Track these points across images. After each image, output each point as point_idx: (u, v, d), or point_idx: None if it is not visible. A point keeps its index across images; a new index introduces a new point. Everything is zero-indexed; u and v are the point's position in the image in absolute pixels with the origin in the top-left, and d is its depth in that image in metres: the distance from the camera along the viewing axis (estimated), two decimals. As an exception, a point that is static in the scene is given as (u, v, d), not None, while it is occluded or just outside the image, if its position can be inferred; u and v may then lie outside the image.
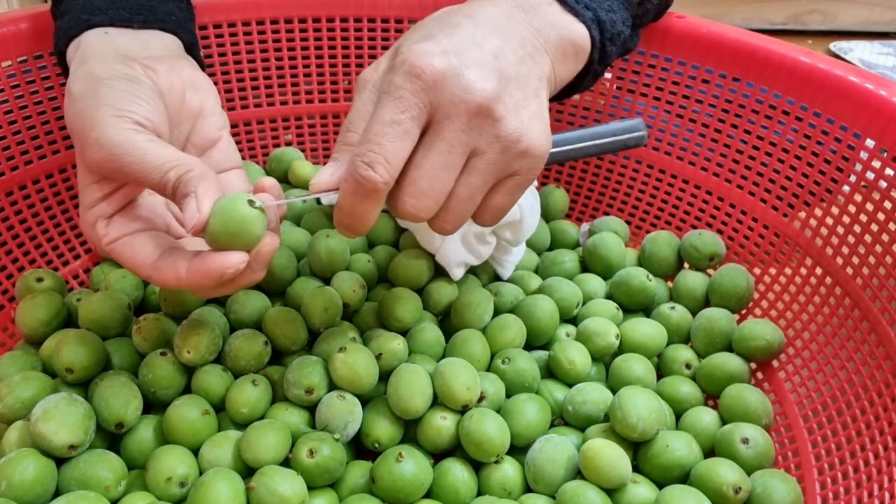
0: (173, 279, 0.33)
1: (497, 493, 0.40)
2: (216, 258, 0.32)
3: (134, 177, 0.33)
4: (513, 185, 0.35)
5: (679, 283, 0.53)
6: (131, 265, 0.34)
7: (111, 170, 0.33)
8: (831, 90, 0.45)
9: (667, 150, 0.57)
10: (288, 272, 0.49)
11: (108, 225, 0.35)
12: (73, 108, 0.35)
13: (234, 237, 0.32)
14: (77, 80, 0.36)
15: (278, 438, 0.39)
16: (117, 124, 0.33)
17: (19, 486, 0.36)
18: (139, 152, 0.32)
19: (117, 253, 0.35)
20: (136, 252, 0.34)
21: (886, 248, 0.43)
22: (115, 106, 0.34)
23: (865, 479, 0.39)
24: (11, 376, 0.41)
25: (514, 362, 0.45)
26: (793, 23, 1.18)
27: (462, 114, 0.32)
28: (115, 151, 0.32)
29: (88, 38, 0.39)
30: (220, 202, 0.32)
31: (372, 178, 0.31)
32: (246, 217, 0.32)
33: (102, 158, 0.33)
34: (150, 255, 0.34)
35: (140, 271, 0.34)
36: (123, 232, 0.35)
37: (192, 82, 0.40)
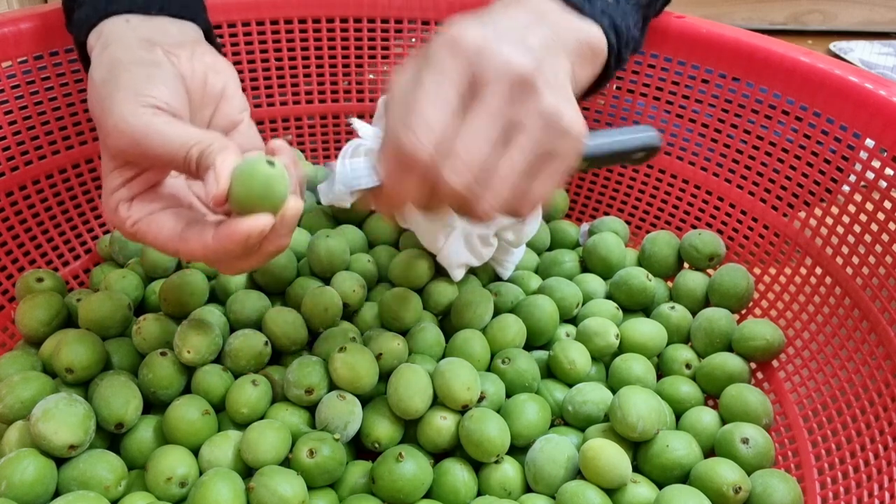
0: (200, 248, 0.33)
1: (497, 493, 0.40)
2: (242, 221, 0.31)
3: (158, 159, 0.33)
4: (553, 170, 0.33)
5: (679, 283, 0.53)
6: (157, 241, 0.34)
7: (135, 155, 0.33)
8: (831, 90, 0.45)
9: (667, 150, 0.57)
10: (288, 272, 0.49)
11: (130, 207, 0.35)
12: (95, 94, 0.35)
13: (258, 199, 0.31)
14: (99, 67, 0.36)
15: (278, 438, 0.39)
16: (135, 109, 0.33)
17: (19, 486, 0.36)
18: (160, 135, 0.32)
19: (143, 233, 0.34)
20: (161, 227, 0.34)
21: (886, 248, 0.43)
22: (133, 90, 0.34)
23: (865, 479, 0.39)
24: (11, 376, 0.41)
25: (514, 362, 0.45)
26: (793, 23, 1.18)
27: (504, 83, 0.31)
28: (136, 136, 0.32)
29: (110, 25, 0.39)
30: (240, 166, 0.32)
31: (412, 142, 0.30)
32: (269, 176, 0.31)
33: (125, 144, 0.33)
34: (174, 228, 0.34)
35: (167, 245, 0.34)
36: (146, 212, 0.35)
37: (214, 66, 0.39)
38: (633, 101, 0.57)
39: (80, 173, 0.55)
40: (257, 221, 0.31)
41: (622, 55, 0.42)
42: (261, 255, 0.34)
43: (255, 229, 0.31)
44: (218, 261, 0.34)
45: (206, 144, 0.32)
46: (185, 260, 0.34)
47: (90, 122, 0.54)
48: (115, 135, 0.33)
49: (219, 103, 0.39)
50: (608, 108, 0.58)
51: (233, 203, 0.32)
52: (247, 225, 0.31)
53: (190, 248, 0.33)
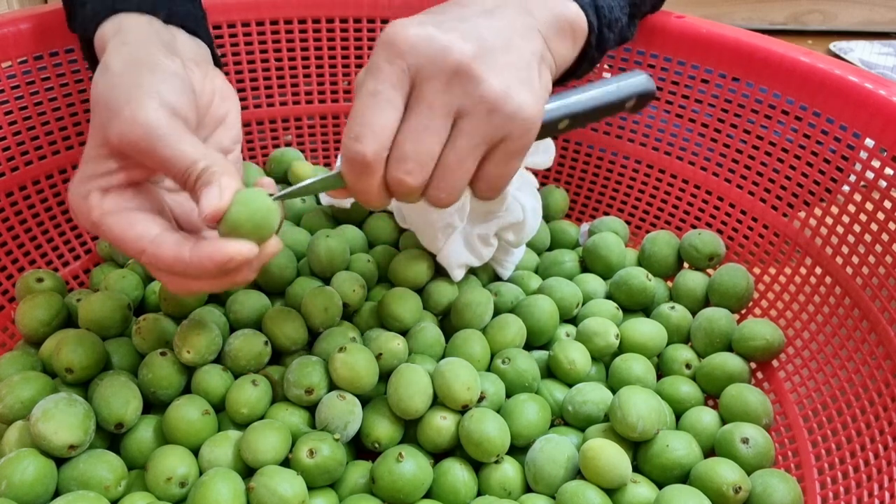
0: (172, 256, 0.32)
1: (497, 493, 0.40)
2: (228, 243, 0.31)
3: (160, 160, 0.32)
4: (505, 153, 0.34)
5: (679, 282, 0.53)
6: (123, 237, 0.33)
7: (139, 150, 0.32)
8: (831, 90, 0.45)
9: (667, 150, 0.57)
10: (288, 272, 0.49)
11: (103, 198, 0.33)
12: (109, 81, 0.34)
13: (254, 226, 0.32)
14: (118, 57, 0.35)
15: (278, 438, 0.39)
16: (157, 107, 0.32)
17: (19, 486, 0.36)
18: (172, 137, 0.32)
19: (108, 225, 0.33)
20: (131, 225, 0.33)
21: (886, 248, 0.43)
22: (156, 89, 0.33)
23: (865, 478, 0.39)
24: (11, 376, 0.41)
25: (514, 362, 0.45)
26: (793, 23, 1.18)
27: (440, 73, 0.31)
28: (150, 132, 0.32)
29: (131, 22, 0.38)
30: (243, 191, 0.32)
31: (360, 151, 0.31)
32: (270, 208, 0.32)
33: (135, 136, 0.32)
34: (146, 230, 0.33)
35: (132, 244, 0.33)
36: (119, 207, 0.33)
37: (222, 91, 0.40)
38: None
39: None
40: (244, 247, 0.31)
41: (604, 35, 0.42)
42: (227, 280, 0.34)
43: (241, 255, 0.31)
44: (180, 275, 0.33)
45: (211, 162, 0.32)
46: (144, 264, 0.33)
47: (90, 123, 0.54)
48: (129, 123, 0.32)
49: (217, 128, 0.39)
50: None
51: (226, 224, 0.31)
52: (234, 248, 0.31)
53: (160, 253, 0.32)
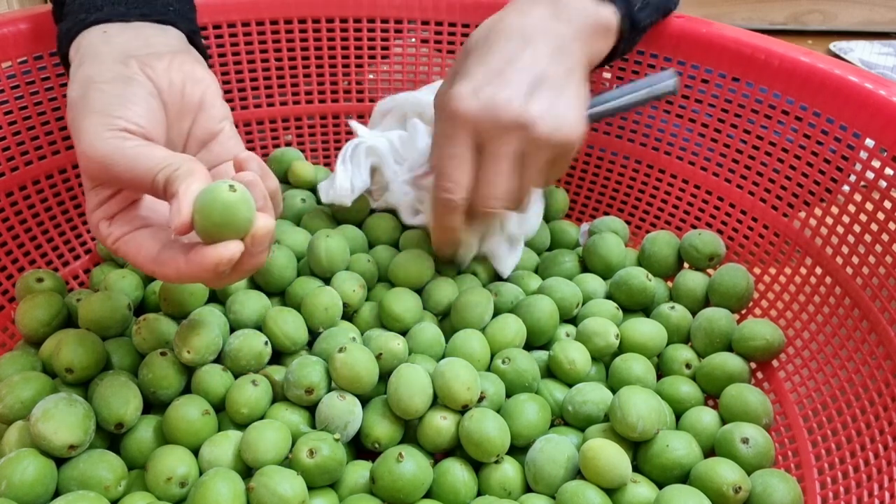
0: (174, 272, 0.33)
1: (497, 493, 0.40)
2: (209, 251, 0.31)
3: (128, 183, 0.33)
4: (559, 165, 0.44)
5: (679, 282, 0.53)
6: (135, 262, 0.35)
7: (105, 179, 0.34)
8: (831, 90, 0.45)
9: (667, 150, 0.57)
10: (288, 272, 0.49)
11: (110, 225, 0.35)
12: (70, 114, 0.35)
13: (221, 227, 0.31)
14: (73, 85, 0.36)
15: (278, 438, 0.39)
16: (103, 133, 0.33)
17: (19, 486, 0.36)
18: (128, 160, 0.32)
19: (123, 251, 0.35)
20: (139, 248, 0.34)
21: (886, 248, 0.43)
22: (104, 112, 0.34)
23: (865, 478, 0.39)
24: (11, 376, 0.41)
25: (514, 362, 0.45)
26: (793, 23, 1.18)
27: (501, 133, 0.40)
28: (104, 162, 0.33)
29: (86, 39, 0.39)
30: (200, 195, 0.31)
31: (451, 200, 0.42)
32: (227, 203, 0.31)
33: (94, 168, 0.33)
34: (151, 249, 0.34)
35: (144, 267, 0.34)
36: (125, 230, 0.35)
37: (192, 75, 0.39)
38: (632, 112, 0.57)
39: (81, 173, 0.55)
40: (226, 250, 0.31)
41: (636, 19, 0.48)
42: (236, 274, 0.35)
43: (224, 257, 0.31)
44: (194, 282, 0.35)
45: (172, 169, 0.32)
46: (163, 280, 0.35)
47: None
48: (85, 159, 0.33)
49: (197, 114, 0.39)
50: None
51: (198, 231, 0.31)
52: (216, 253, 0.31)
53: (165, 272, 0.34)
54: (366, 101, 0.64)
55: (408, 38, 0.62)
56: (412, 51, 0.62)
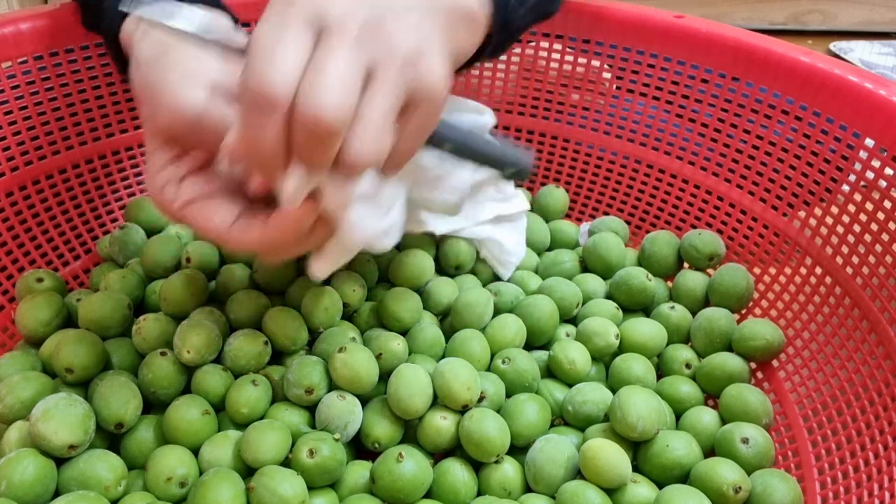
0: (250, 240, 0.32)
1: (497, 493, 0.40)
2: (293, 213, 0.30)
3: (209, 136, 0.32)
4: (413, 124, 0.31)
5: (679, 282, 0.53)
6: (205, 228, 0.33)
7: (189, 132, 0.32)
8: (831, 90, 0.45)
9: (666, 150, 0.57)
10: (288, 272, 0.49)
11: (178, 188, 0.33)
12: (142, 73, 0.34)
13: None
14: (145, 48, 0.35)
15: (278, 438, 0.39)
16: (193, 87, 0.32)
17: (19, 486, 0.36)
18: (216, 110, 0.32)
19: (191, 217, 0.33)
20: (210, 215, 0.32)
21: (886, 248, 0.43)
22: (186, 69, 0.33)
23: (865, 478, 0.39)
24: (11, 376, 0.41)
25: (514, 362, 0.45)
26: (793, 23, 1.18)
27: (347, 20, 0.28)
28: (193, 113, 0.31)
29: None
30: None
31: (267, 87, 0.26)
32: None
33: (180, 123, 0.32)
34: (225, 217, 0.32)
35: (218, 234, 0.33)
36: (196, 194, 0.33)
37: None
38: (633, 101, 0.57)
39: (80, 173, 0.55)
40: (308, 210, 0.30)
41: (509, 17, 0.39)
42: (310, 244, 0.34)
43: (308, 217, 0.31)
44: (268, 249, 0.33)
45: None
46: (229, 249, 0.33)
47: (90, 123, 0.54)
48: (168, 112, 0.32)
49: None
50: (608, 107, 0.58)
51: None
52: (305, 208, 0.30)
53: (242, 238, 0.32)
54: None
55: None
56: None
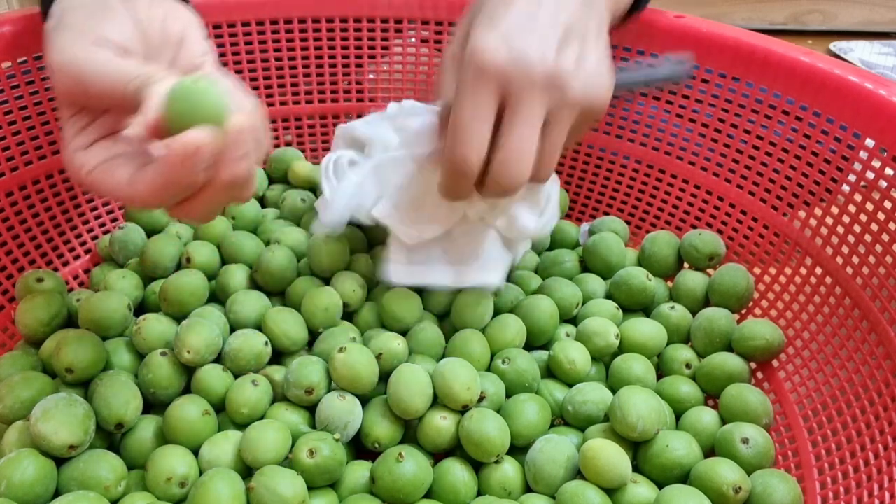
0: (148, 186, 0.31)
1: (497, 493, 0.40)
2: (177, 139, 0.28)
3: (99, 94, 0.31)
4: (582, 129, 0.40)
5: (679, 282, 0.53)
6: (109, 189, 0.32)
7: (79, 93, 0.32)
8: (831, 90, 0.45)
9: (667, 150, 0.57)
10: (288, 272, 0.49)
11: (86, 153, 0.33)
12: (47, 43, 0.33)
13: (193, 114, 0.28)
14: (52, 20, 0.35)
15: (278, 438, 0.39)
16: (76, 44, 0.32)
17: (19, 486, 0.36)
18: (100, 69, 0.31)
19: (97, 181, 0.33)
20: (112, 174, 0.32)
21: (886, 248, 0.43)
22: (78, 28, 0.33)
23: (865, 478, 0.39)
24: (11, 376, 0.41)
25: (514, 362, 0.45)
26: (793, 23, 1.18)
27: (529, 90, 0.35)
28: (76, 72, 0.31)
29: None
30: (173, 87, 0.29)
31: (464, 163, 0.37)
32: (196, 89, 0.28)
33: (67, 81, 0.32)
34: (125, 173, 0.32)
35: (122, 192, 0.32)
36: (102, 158, 0.33)
37: (173, 11, 0.37)
38: (633, 101, 0.57)
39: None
40: (195, 134, 0.28)
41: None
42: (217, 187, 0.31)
43: (194, 143, 0.28)
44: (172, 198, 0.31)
45: (146, 77, 0.30)
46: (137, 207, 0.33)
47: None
48: (59, 73, 0.32)
49: (178, 49, 0.37)
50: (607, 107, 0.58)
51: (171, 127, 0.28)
52: (180, 142, 0.28)
53: (138, 191, 0.31)
54: (365, 100, 0.64)
55: (408, 38, 0.62)
56: (412, 51, 0.62)
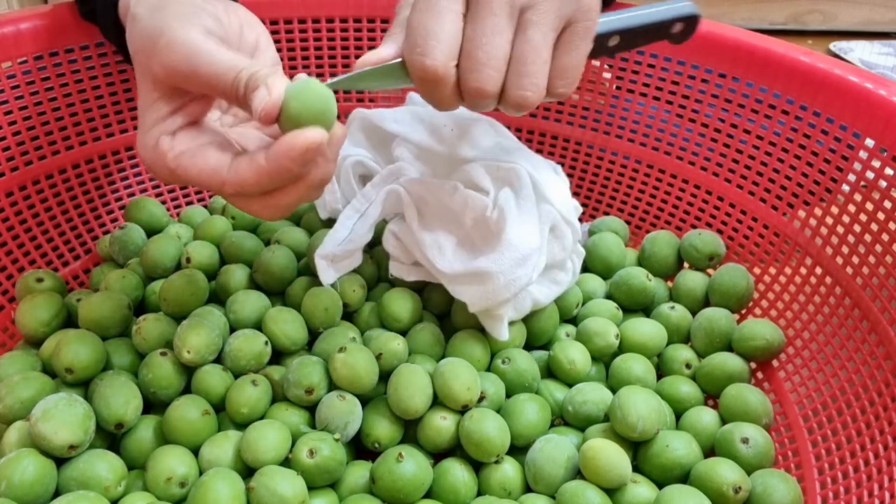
0: (253, 173, 0.32)
1: (497, 493, 0.40)
2: (299, 133, 0.30)
3: (207, 79, 0.32)
4: (574, 38, 0.34)
5: (679, 282, 0.53)
6: (202, 174, 0.33)
7: (186, 74, 0.32)
8: (831, 90, 0.45)
9: (667, 150, 0.57)
10: (288, 272, 0.49)
11: (173, 139, 0.34)
12: (139, 27, 0.34)
13: (316, 114, 0.31)
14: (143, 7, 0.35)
15: (278, 438, 0.39)
16: (189, 29, 0.33)
17: (19, 486, 0.36)
18: (212, 53, 0.32)
19: (185, 167, 0.33)
20: (206, 160, 0.33)
21: (886, 248, 0.43)
22: (185, 15, 0.33)
23: (865, 478, 0.39)
24: (11, 376, 0.41)
25: (514, 362, 0.45)
26: (793, 23, 1.18)
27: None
28: (189, 52, 0.32)
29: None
30: (294, 85, 0.31)
31: (430, 65, 0.32)
32: (325, 93, 0.31)
33: (178, 60, 0.32)
34: (221, 160, 0.33)
35: (212, 178, 0.33)
36: (190, 145, 0.34)
37: (248, 20, 0.39)
38: (633, 101, 0.57)
39: (80, 173, 0.55)
40: (315, 133, 0.30)
41: None
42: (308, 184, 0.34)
43: (314, 140, 0.30)
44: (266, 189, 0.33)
45: (255, 69, 0.32)
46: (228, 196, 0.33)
47: (90, 123, 0.54)
48: (167, 52, 0.32)
49: (253, 55, 0.39)
50: (608, 107, 0.58)
51: (286, 119, 0.31)
52: (304, 137, 0.30)
53: (242, 176, 0.32)
54: (366, 101, 0.64)
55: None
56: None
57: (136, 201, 0.56)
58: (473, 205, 0.44)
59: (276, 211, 0.35)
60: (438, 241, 0.45)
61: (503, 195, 0.44)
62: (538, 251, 0.43)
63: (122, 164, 0.58)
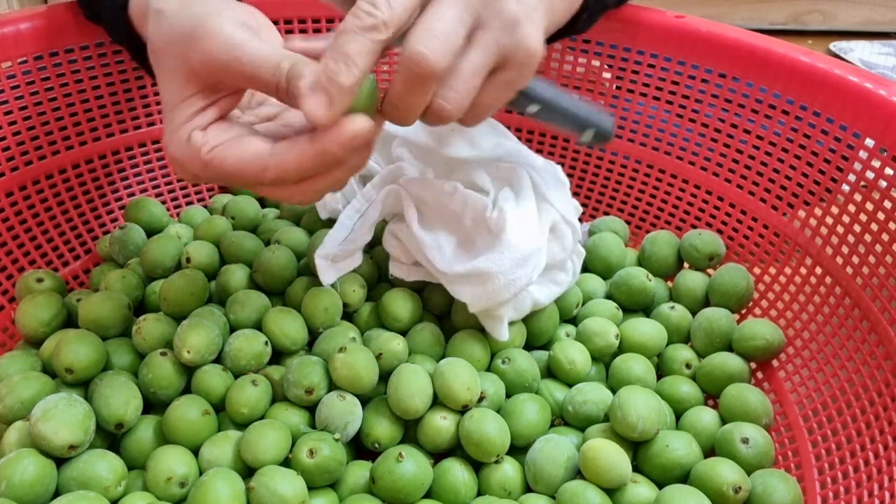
0: (297, 158, 0.32)
1: (497, 493, 0.40)
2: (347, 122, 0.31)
3: (249, 69, 0.32)
4: (502, 83, 0.34)
5: (679, 282, 0.53)
6: (240, 163, 0.33)
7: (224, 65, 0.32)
8: (831, 90, 0.45)
9: (667, 150, 0.57)
10: (288, 272, 0.49)
11: (205, 134, 0.34)
12: (168, 21, 0.34)
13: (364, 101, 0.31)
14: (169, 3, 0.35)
15: (278, 438, 0.39)
16: (226, 22, 0.33)
17: (19, 486, 0.36)
18: (252, 44, 0.32)
19: (221, 158, 0.33)
20: (243, 148, 0.33)
21: (886, 248, 0.43)
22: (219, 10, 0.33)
23: (865, 478, 0.39)
24: (11, 376, 0.41)
25: (514, 362, 0.45)
26: (793, 23, 1.18)
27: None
28: (229, 44, 0.32)
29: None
30: None
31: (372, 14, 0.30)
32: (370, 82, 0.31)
33: (217, 51, 0.32)
34: (262, 147, 0.33)
35: (252, 166, 0.33)
36: (223, 138, 0.33)
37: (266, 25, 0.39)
38: (633, 101, 0.57)
39: (80, 173, 0.55)
40: (363, 121, 0.31)
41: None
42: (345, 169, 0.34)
43: (363, 129, 0.31)
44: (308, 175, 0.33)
45: (295, 59, 0.32)
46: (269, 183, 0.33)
47: (90, 123, 0.54)
48: (205, 42, 0.32)
49: None
50: (608, 107, 0.58)
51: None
52: (354, 124, 0.31)
53: (286, 161, 0.32)
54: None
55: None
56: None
57: (136, 201, 0.56)
58: (473, 205, 0.44)
59: (311, 195, 0.35)
60: (438, 242, 0.45)
61: (503, 195, 0.44)
62: (538, 251, 0.43)
63: (122, 164, 0.58)
